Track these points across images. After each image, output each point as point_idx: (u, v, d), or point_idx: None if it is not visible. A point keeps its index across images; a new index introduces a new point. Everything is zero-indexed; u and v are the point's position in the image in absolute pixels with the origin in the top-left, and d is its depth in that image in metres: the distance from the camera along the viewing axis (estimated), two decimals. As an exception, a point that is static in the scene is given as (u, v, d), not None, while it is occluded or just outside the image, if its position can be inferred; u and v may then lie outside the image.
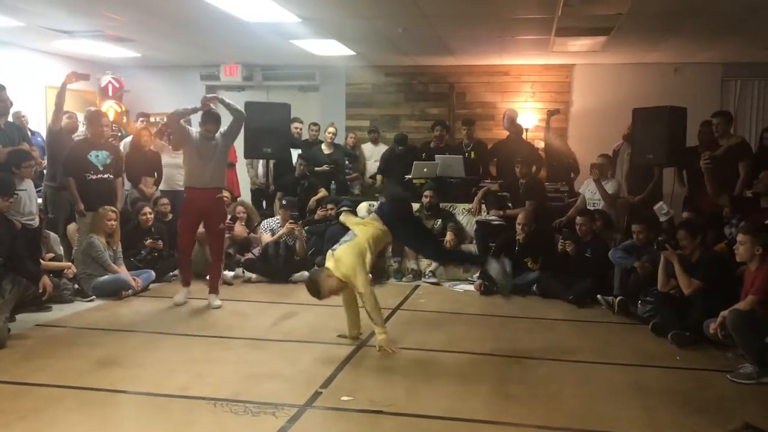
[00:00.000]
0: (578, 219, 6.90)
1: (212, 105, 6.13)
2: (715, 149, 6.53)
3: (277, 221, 7.78)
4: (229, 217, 7.30)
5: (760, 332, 4.35)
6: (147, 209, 7.28)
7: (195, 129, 6.21)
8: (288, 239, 7.54)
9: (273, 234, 7.61)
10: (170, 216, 7.80)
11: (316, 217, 8.20)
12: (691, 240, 5.41)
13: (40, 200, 6.96)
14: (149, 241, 7.20)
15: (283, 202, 8.01)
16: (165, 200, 7.76)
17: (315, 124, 9.69)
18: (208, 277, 6.41)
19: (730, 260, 5.35)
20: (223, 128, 6.18)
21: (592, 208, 7.28)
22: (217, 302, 6.21)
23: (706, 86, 9.61)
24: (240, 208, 7.91)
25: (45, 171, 7.53)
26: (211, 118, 6.04)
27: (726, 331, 4.49)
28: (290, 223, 7.51)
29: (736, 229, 5.43)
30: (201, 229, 6.54)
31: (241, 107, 6.33)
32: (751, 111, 9.75)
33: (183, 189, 8.07)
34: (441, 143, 8.92)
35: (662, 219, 6.44)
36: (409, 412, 3.72)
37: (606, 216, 7.20)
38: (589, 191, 7.58)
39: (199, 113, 6.17)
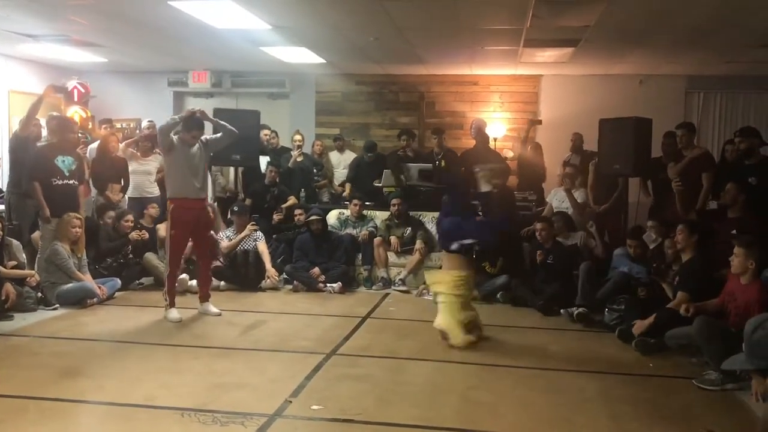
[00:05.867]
0: (538, 225, 6.92)
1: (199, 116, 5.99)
2: (678, 160, 6.66)
3: (233, 230, 7.62)
4: None
5: (726, 340, 4.43)
6: (129, 217, 7.31)
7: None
8: (249, 243, 7.48)
9: (230, 241, 7.50)
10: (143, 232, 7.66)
11: (276, 219, 8.14)
12: (688, 238, 5.43)
13: (1, 207, 6.82)
14: (133, 233, 7.24)
15: (235, 208, 7.81)
16: (129, 217, 7.40)
17: (272, 130, 9.40)
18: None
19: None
20: (206, 135, 6.12)
21: (560, 217, 7.33)
22: (215, 309, 6.17)
23: (670, 98, 9.79)
24: None
25: (8, 178, 7.38)
26: (196, 124, 5.95)
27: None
28: (251, 225, 7.47)
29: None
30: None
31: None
32: (713, 123, 9.96)
33: (153, 196, 8.04)
34: (408, 152, 8.94)
35: (651, 246, 6.45)
36: (380, 420, 3.71)
37: (565, 216, 7.25)
38: (556, 200, 7.65)
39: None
